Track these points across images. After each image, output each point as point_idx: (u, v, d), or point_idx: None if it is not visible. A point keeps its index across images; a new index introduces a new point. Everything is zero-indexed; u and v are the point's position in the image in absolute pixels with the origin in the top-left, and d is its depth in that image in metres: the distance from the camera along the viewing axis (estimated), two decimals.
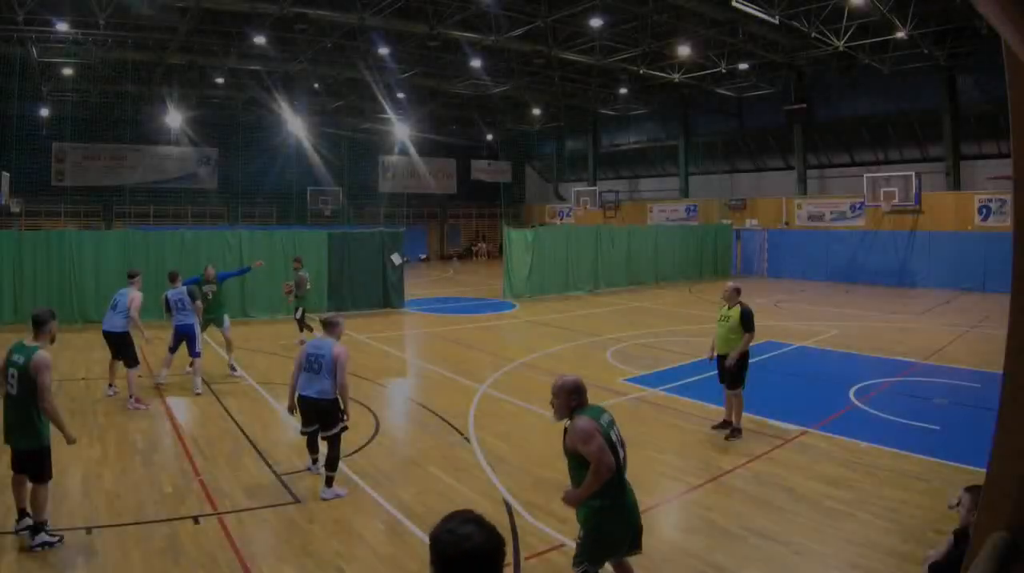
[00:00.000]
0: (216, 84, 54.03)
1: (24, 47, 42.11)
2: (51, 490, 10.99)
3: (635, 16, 39.91)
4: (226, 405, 17.14)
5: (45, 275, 29.16)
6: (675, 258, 49.34)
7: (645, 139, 67.40)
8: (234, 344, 21.45)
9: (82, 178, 60.46)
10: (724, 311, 15.18)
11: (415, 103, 62.79)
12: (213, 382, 19.51)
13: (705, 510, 11.22)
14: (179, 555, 9.65)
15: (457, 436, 15.08)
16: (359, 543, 10.19)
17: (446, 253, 77.17)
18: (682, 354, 23.66)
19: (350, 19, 37.33)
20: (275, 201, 68.85)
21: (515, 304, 37.19)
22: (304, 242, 33.45)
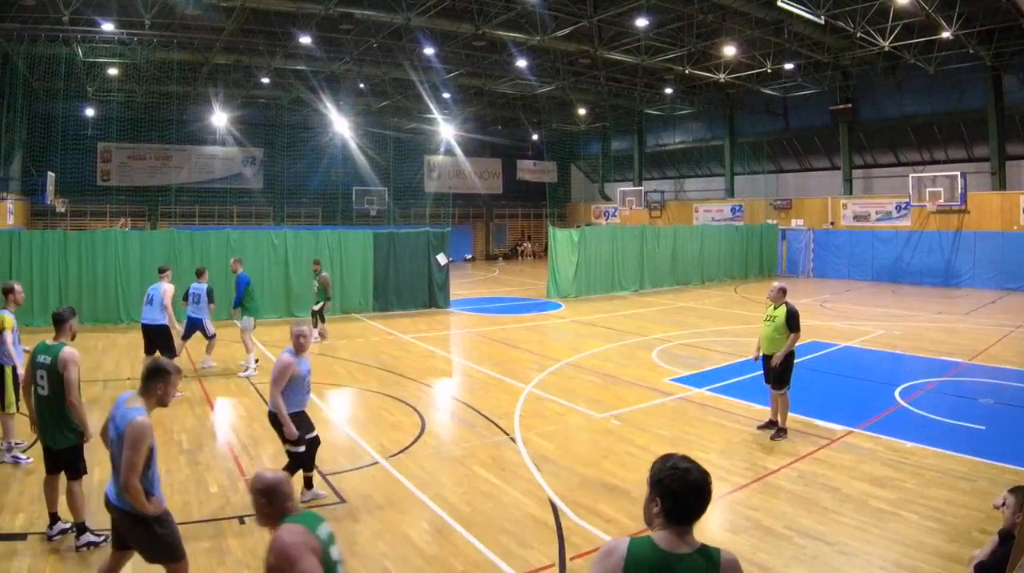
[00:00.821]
0: (262, 84, 54.30)
1: (70, 47, 42.44)
2: (94, 490, 11.18)
3: (680, 16, 39.82)
4: None
5: (90, 275, 29.40)
6: (720, 258, 49.27)
7: (691, 139, 67.17)
8: (247, 348, 21.47)
9: (128, 178, 60.85)
10: (770, 311, 15.15)
11: (461, 103, 63.05)
12: (260, 382, 19.60)
13: (750, 510, 11.21)
14: (224, 555, 9.75)
15: (503, 436, 15.11)
16: (405, 543, 10.20)
17: (491, 253, 77.49)
18: (728, 354, 23.70)
19: (396, 19, 37.46)
20: (320, 201, 69.03)
21: (561, 304, 37.17)
22: (349, 242, 33.65)
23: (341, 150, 65.50)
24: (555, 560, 9.59)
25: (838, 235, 52.49)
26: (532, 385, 19.51)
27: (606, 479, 12.44)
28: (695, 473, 4.39)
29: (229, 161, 64.67)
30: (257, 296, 22.00)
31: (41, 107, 54.02)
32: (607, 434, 15.10)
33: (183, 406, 17.18)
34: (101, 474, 11.63)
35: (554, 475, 12.70)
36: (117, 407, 7.58)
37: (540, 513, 11.09)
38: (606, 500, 11.56)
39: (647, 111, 65.02)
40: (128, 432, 7.21)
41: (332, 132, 63.28)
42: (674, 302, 38.21)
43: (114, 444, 7.48)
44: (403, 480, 12.47)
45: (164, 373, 7.64)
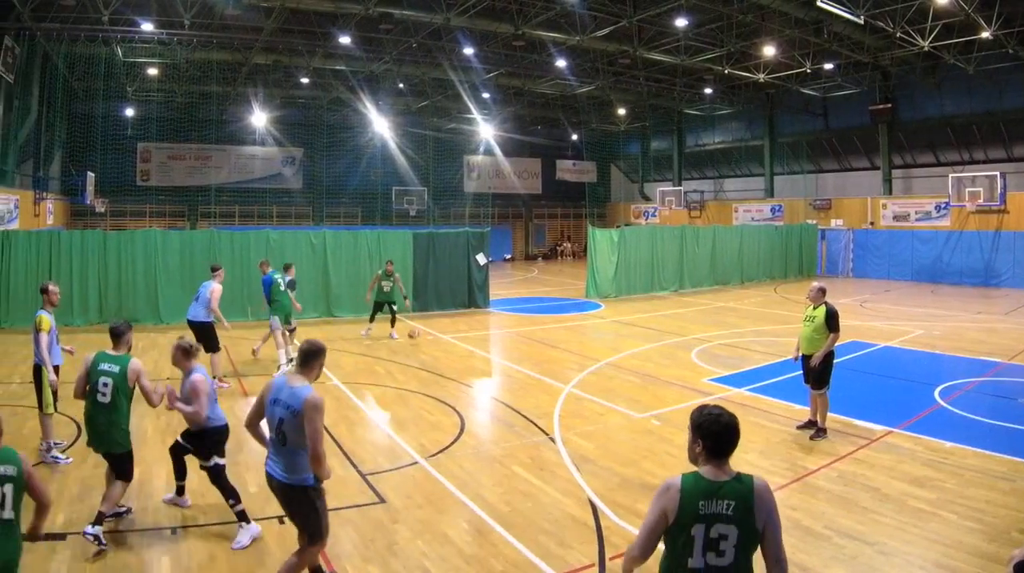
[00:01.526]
0: (301, 84, 54.60)
1: (109, 47, 42.76)
2: (135, 490, 11.40)
3: (720, 16, 39.78)
4: None
5: (130, 275, 29.56)
6: (760, 258, 49.14)
7: (730, 139, 66.95)
8: (277, 345, 21.69)
9: (167, 178, 61.23)
10: (809, 311, 15.14)
11: (500, 103, 63.11)
12: None
13: (790, 510, 11.15)
14: (264, 555, 9.86)
15: (542, 436, 15.12)
16: (444, 543, 10.22)
17: (531, 253, 77.50)
18: (767, 354, 23.66)
19: (435, 19, 37.61)
20: (360, 201, 69.24)
21: (600, 304, 37.12)
22: (389, 242, 33.64)
23: (380, 150, 65.71)
24: (595, 560, 9.61)
25: (877, 235, 52.29)
26: (571, 385, 19.51)
27: (646, 479, 12.44)
28: (727, 417, 5.63)
29: (268, 161, 65.00)
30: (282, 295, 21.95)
31: (81, 107, 54.45)
32: (647, 434, 15.12)
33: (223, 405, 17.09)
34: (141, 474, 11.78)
35: (593, 475, 12.71)
36: (279, 389, 8.37)
37: (580, 513, 11.10)
38: (646, 500, 11.35)
39: (687, 111, 64.91)
40: (307, 408, 8.05)
41: (371, 132, 63.56)
42: (714, 302, 38.16)
43: (285, 422, 8.22)
44: (443, 480, 12.50)
45: (321, 352, 8.62)
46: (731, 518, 5.30)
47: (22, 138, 41.01)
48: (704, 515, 5.30)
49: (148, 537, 10.24)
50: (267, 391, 8.62)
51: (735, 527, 5.31)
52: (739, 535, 5.31)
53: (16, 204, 36.99)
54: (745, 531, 5.33)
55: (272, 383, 8.66)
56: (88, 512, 10.72)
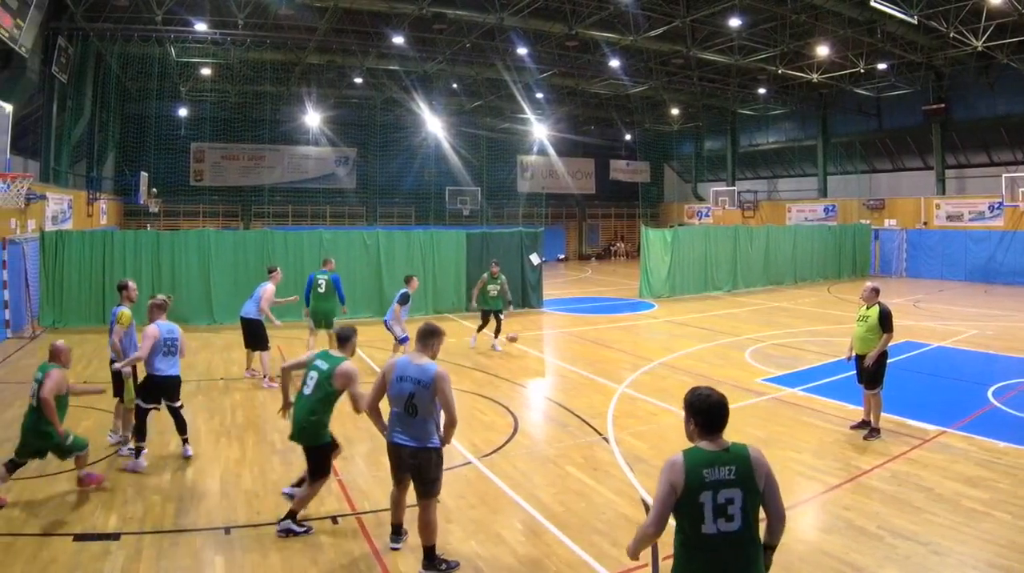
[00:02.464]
0: (355, 84, 54.86)
1: (163, 47, 43.18)
2: (188, 491, 11.61)
3: (773, 16, 39.61)
4: None
5: (183, 275, 29.74)
6: (813, 258, 48.84)
7: (784, 139, 66.50)
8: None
9: (220, 178, 61.67)
10: (863, 311, 15.09)
11: (553, 103, 63.12)
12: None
13: (843, 510, 11.18)
14: (317, 554, 9.88)
15: (596, 436, 15.14)
16: (498, 543, 10.25)
17: (584, 253, 77.37)
18: (821, 354, 23.55)
19: (488, 19, 37.73)
20: (413, 201, 69.40)
21: (654, 304, 37.01)
22: (442, 242, 33.85)
23: (434, 150, 66.01)
24: (647, 560, 9.62)
25: (931, 235, 51.85)
26: (625, 385, 19.51)
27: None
28: (716, 396, 6.25)
29: (322, 161, 65.28)
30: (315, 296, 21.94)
31: (134, 107, 55.14)
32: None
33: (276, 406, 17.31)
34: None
35: (647, 475, 12.70)
36: (405, 368, 9.39)
37: (633, 513, 11.09)
38: None
39: (740, 111, 64.74)
40: (438, 380, 9.21)
41: (425, 132, 63.85)
42: (767, 302, 38.00)
43: (415, 396, 9.25)
44: (496, 480, 12.56)
45: (439, 333, 9.75)
46: (735, 482, 5.88)
47: (75, 138, 41.40)
48: (709, 482, 5.84)
49: (201, 537, 10.31)
50: (389, 371, 9.56)
51: (739, 489, 5.87)
52: (743, 497, 5.86)
53: (70, 204, 37.39)
54: (748, 492, 5.90)
55: (394, 363, 9.64)
56: (142, 513, 10.97)
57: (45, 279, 28.29)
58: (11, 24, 25.71)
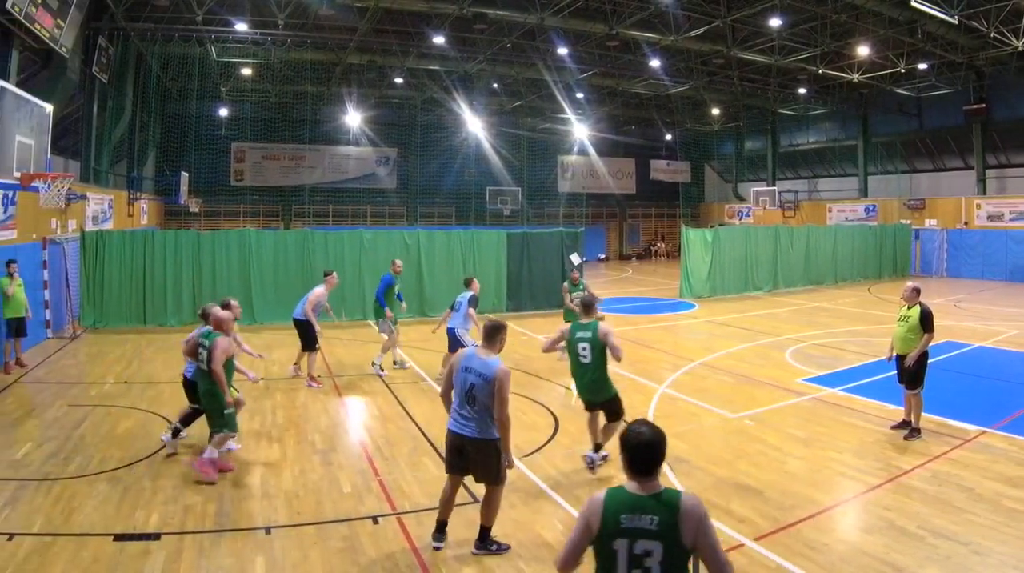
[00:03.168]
0: (395, 84, 55.00)
1: (203, 47, 43.47)
2: (228, 492, 11.82)
3: (814, 16, 39.46)
4: (406, 406, 17.27)
5: (225, 275, 29.82)
6: (854, 258, 48.63)
7: (824, 139, 66.13)
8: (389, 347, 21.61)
9: (261, 178, 61.96)
10: (903, 311, 15.04)
11: (594, 103, 63.07)
12: (392, 383, 19.91)
13: (884, 510, 11.15)
14: (358, 555, 9.89)
15: None
16: (538, 543, 10.29)
17: (625, 253, 77.30)
18: (861, 354, 23.44)
19: (529, 19, 37.76)
20: (454, 201, 69.51)
21: (694, 304, 36.96)
22: (483, 242, 33.86)
23: (474, 150, 66.10)
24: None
25: (971, 235, 51.53)
26: (665, 385, 19.50)
27: (739, 479, 12.46)
28: (647, 434, 5.48)
29: (363, 161, 65.48)
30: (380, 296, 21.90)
31: (175, 107, 55.58)
32: (740, 434, 15.10)
33: (317, 406, 17.55)
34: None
35: (687, 475, 12.73)
36: (470, 359, 9.93)
37: None
38: (739, 500, 11.60)
39: (781, 111, 64.49)
40: (499, 376, 9.62)
41: (465, 132, 63.95)
42: (807, 302, 37.84)
43: (476, 387, 9.72)
44: (536, 480, 12.58)
45: (503, 329, 10.35)
46: (655, 533, 5.22)
47: (116, 138, 41.91)
48: (626, 529, 5.24)
49: (242, 537, 10.36)
50: (458, 360, 10.11)
51: (660, 543, 5.21)
52: (664, 551, 5.21)
53: (110, 204, 37.84)
54: (670, 547, 5.22)
55: (464, 353, 10.26)
56: (182, 513, 11.02)
57: (86, 279, 28.44)
58: (52, 24, 25.93)
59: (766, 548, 9.89)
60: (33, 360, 22.38)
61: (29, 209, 24.13)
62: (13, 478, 12.31)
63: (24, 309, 20.91)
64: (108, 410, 16.66)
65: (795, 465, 13.04)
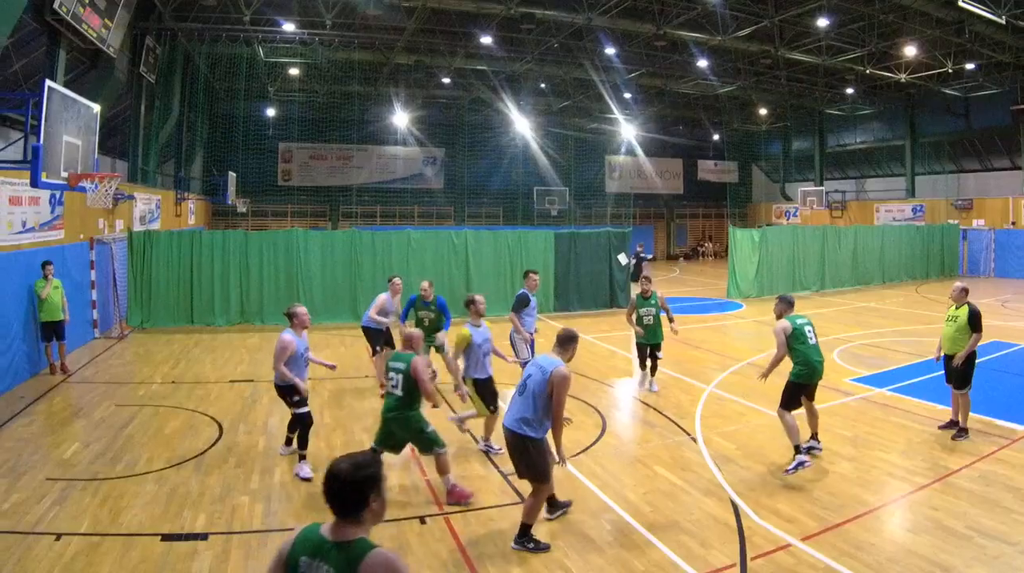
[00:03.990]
0: (442, 84, 55.05)
1: (251, 47, 43.61)
2: (275, 491, 11.97)
3: (861, 16, 39.22)
4: (453, 406, 17.17)
5: (272, 275, 29.98)
6: (902, 258, 48.32)
7: (871, 139, 65.67)
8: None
9: (308, 178, 62.24)
10: (952, 311, 14.98)
11: (642, 103, 62.65)
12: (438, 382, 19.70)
13: (931, 510, 11.09)
14: (406, 554, 9.86)
15: (684, 436, 15.16)
16: (586, 543, 10.28)
17: (672, 253, 77.11)
18: (909, 354, 23.32)
19: (577, 19, 37.71)
20: (501, 201, 69.51)
21: (742, 304, 36.91)
22: (530, 242, 33.83)
23: (522, 150, 65.99)
24: (736, 560, 9.64)
25: (1019, 235, 50.94)
26: (713, 385, 19.54)
27: (787, 479, 12.43)
28: (337, 468, 4.62)
29: (410, 161, 65.55)
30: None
31: (222, 107, 55.82)
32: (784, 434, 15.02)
33: (364, 406, 17.70)
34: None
35: (735, 475, 12.74)
36: (539, 357, 10.26)
37: (721, 513, 11.14)
38: (787, 500, 11.57)
39: (828, 111, 64.19)
40: (555, 375, 9.80)
41: (513, 132, 63.70)
42: (855, 302, 37.62)
43: (532, 377, 10.03)
44: (584, 480, 12.57)
45: (575, 337, 10.33)
46: None
47: (163, 138, 42.20)
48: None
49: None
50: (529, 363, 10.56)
51: None
52: None
53: (158, 204, 38.12)
54: None
55: (542, 354, 10.47)
56: (229, 513, 11.12)
57: (133, 279, 28.68)
58: (99, 24, 26.16)
59: (813, 548, 9.87)
60: (80, 360, 22.63)
61: (76, 209, 24.32)
62: (61, 478, 12.47)
63: (60, 312, 20.60)
64: (156, 410, 16.85)
65: (843, 465, 13.00)
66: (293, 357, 13.34)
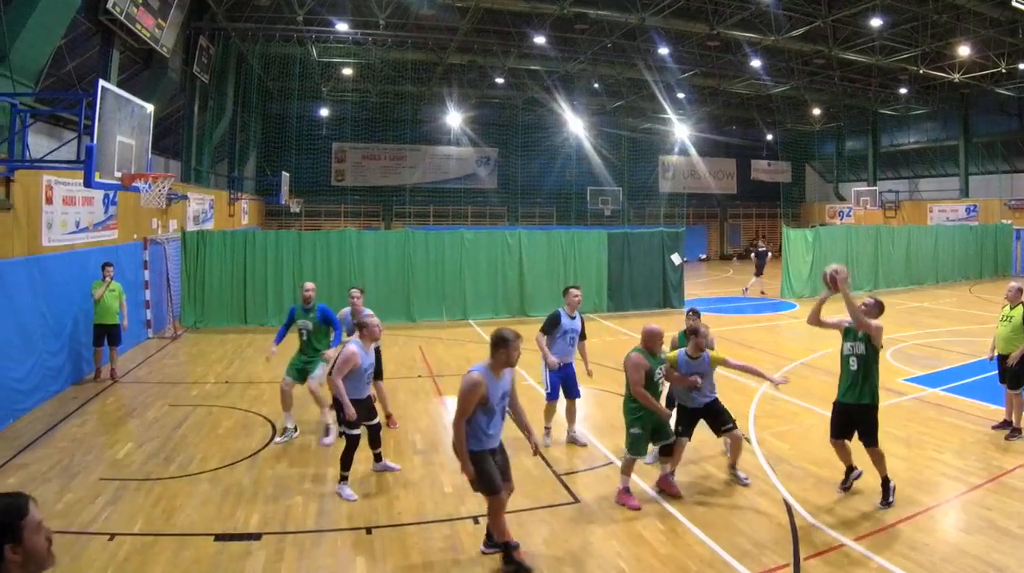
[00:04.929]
0: (496, 84, 55.06)
1: (304, 47, 43.99)
2: (313, 492, 12.12)
3: (915, 16, 38.96)
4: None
5: (325, 275, 29.79)
6: (955, 258, 47.84)
7: (925, 139, 65.00)
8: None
9: (362, 178, 62.57)
10: (1006, 311, 14.88)
11: (695, 103, 62.48)
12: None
13: (985, 510, 11.03)
14: (459, 555, 9.94)
15: None
16: (639, 543, 10.27)
17: (726, 253, 76.84)
18: (962, 354, 23.12)
19: (630, 19, 37.70)
20: (554, 201, 69.40)
21: (795, 304, 36.75)
22: (583, 242, 33.76)
23: (575, 150, 65.97)
24: (789, 560, 9.63)
25: None
26: (766, 385, 19.20)
27: (840, 479, 12.32)
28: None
29: (463, 161, 65.83)
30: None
31: (275, 107, 56.36)
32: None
33: (417, 406, 17.73)
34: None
35: (788, 475, 12.72)
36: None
37: (774, 513, 11.13)
38: (841, 500, 11.55)
39: (881, 111, 63.70)
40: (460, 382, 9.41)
41: (566, 132, 63.70)
42: (908, 302, 37.28)
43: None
44: (637, 479, 12.45)
45: (503, 341, 9.40)
46: None
47: (217, 138, 42.75)
48: None
49: (343, 537, 10.49)
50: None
51: None
52: None
53: (211, 204, 38.35)
54: None
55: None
56: (283, 513, 11.18)
57: (186, 279, 28.84)
58: (152, 24, 26.46)
59: (867, 548, 9.84)
60: (134, 360, 22.76)
61: (130, 209, 24.49)
62: (114, 478, 12.58)
63: (114, 316, 20.00)
64: (209, 410, 16.99)
65: (896, 465, 12.78)
66: (355, 371, 12.02)
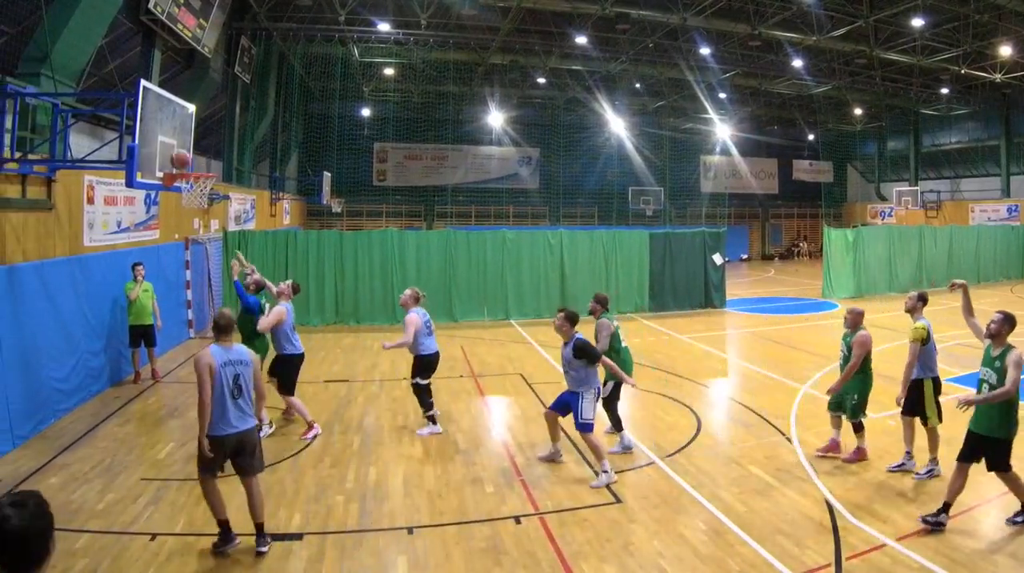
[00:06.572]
0: (537, 84, 55.22)
1: (346, 47, 44.23)
2: (370, 491, 12.10)
3: (956, 16, 38.82)
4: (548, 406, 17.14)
5: (367, 275, 30.09)
6: (996, 258, 47.57)
7: (966, 139, 64.48)
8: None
9: (403, 178, 62.95)
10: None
11: (736, 103, 62.62)
12: (534, 383, 20.04)
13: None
14: (500, 554, 9.95)
15: (778, 436, 15.09)
16: (681, 543, 10.23)
17: (767, 253, 76.55)
18: None
19: (671, 19, 37.81)
20: (596, 201, 69.45)
21: (837, 304, 36.41)
22: (625, 242, 33.75)
23: (617, 150, 66.09)
24: (831, 560, 9.58)
25: None
26: (808, 385, 19.36)
27: (882, 480, 12.34)
28: (15, 520, 3.68)
29: (505, 161, 66.06)
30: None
31: (317, 107, 56.81)
32: (883, 435, 14.90)
33: (459, 406, 17.75)
34: None
35: (830, 475, 12.66)
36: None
37: (816, 513, 11.07)
38: (882, 501, 11.49)
39: (923, 111, 63.25)
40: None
41: (608, 132, 63.95)
42: (951, 302, 36.67)
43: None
44: (679, 480, 12.54)
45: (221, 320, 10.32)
46: None
47: (258, 138, 42.96)
48: None
49: (384, 537, 10.49)
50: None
51: None
52: None
53: (252, 204, 38.51)
54: None
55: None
56: (324, 513, 11.22)
57: (228, 279, 28.60)
58: (194, 24, 26.64)
59: (908, 548, 9.79)
60: (175, 360, 22.89)
61: (171, 209, 24.59)
62: (156, 478, 12.69)
63: (149, 316, 19.89)
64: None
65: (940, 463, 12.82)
66: (418, 330, 15.67)
